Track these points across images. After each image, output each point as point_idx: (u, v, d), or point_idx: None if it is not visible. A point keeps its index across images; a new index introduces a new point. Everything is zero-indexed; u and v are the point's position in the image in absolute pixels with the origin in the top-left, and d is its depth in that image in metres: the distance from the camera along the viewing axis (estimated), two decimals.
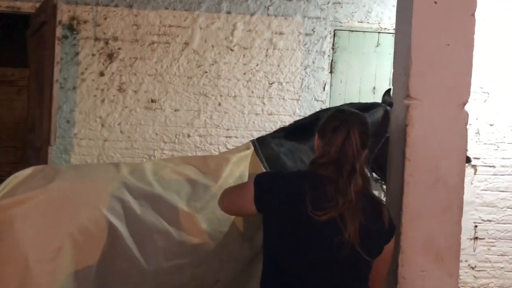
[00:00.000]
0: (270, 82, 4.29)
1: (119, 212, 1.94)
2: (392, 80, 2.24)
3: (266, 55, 4.27)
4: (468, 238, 4.31)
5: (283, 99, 4.29)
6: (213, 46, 4.23)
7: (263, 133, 4.24)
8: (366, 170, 1.83)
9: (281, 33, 4.27)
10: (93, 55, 4.13)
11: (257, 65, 4.27)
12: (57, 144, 3.89)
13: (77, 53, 4.12)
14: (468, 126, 4.49)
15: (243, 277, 2.12)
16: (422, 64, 2.00)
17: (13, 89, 6.72)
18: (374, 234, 1.69)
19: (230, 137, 4.27)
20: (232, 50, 4.25)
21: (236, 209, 1.90)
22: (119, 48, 4.15)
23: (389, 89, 3.10)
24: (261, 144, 2.45)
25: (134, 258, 1.92)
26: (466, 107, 2.07)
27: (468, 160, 4.24)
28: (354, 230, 1.63)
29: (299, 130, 2.69)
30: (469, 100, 2.07)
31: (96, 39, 4.12)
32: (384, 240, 1.75)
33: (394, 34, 2.31)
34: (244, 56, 4.25)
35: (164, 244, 1.98)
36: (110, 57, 4.14)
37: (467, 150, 4.27)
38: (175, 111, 4.22)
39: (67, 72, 4.09)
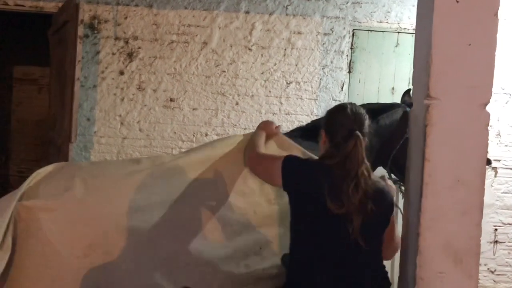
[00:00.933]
0: (288, 82, 4.29)
1: (147, 203, 1.97)
2: (412, 79, 2.23)
3: (284, 55, 4.27)
4: (488, 242, 4.24)
5: (301, 98, 4.28)
6: (231, 46, 4.25)
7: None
8: (366, 161, 1.90)
9: (299, 33, 4.26)
10: (113, 54, 4.19)
11: (275, 64, 4.27)
12: (77, 142, 3.95)
13: (97, 52, 4.18)
14: (489, 128, 4.41)
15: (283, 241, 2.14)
16: (443, 63, 1.98)
17: (34, 88, 6.84)
18: (380, 218, 1.90)
19: None
20: (250, 49, 4.26)
21: (266, 177, 2.00)
22: (139, 47, 4.20)
23: (409, 90, 3.08)
24: None
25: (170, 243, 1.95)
26: (487, 108, 2.04)
27: (488, 162, 4.17)
28: (358, 226, 1.80)
29: (316, 130, 2.68)
30: (490, 100, 2.04)
31: (117, 38, 4.18)
32: (389, 218, 1.97)
33: (413, 34, 2.29)
34: (262, 55, 4.26)
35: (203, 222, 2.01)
36: (130, 56, 4.19)
37: (487, 151, 4.21)
38: (193, 110, 4.25)
39: (87, 71, 4.16)
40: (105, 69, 4.19)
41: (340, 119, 1.93)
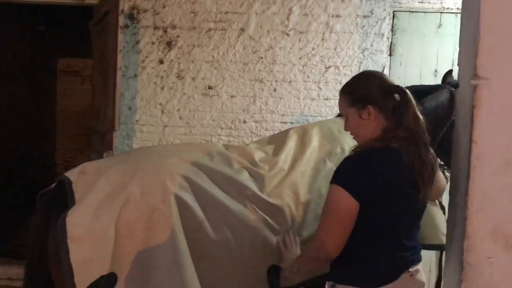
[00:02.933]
0: (327, 66, 4.23)
1: (188, 189, 1.99)
2: (458, 59, 2.15)
3: (323, 39, 4.22)
4: None
5: (340, 83, 4.22)
6: (268, 32, 4.23)
7: (319, 118, 4.20)
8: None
9: (338, 16, 4.19)
10: (153, 43, 4.25)
11: (313, 49, 4.22)
12: (120, 130, 4.05)
13: (137, 42, 4.25)
14: None
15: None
16: (492, 41, 1.90)
17: (77, 79, 7.06)
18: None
19: (285, 122, 4.26)
20: (287, 34, 4.23)
21: (343, 234, 1.73)
22: (178, 36, 4.24)
23: (451, 70, 2.98)
24: None
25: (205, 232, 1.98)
26: None
27: None
28: (425, 196, 1.79)
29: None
30: None
31: (155, 27, 4.23)
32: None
33: (457, 14, 2.21)
34: (299, 40, 4.22)
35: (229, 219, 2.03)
36: (169, 45, 4.24)
37: None
38: (231, 97, 4.27)
39: (128, 60, 4.24)
40: (145, 58, 4.26)
41: (379, 83, 1.80)
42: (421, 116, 1.79)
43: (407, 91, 1.79)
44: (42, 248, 1.96)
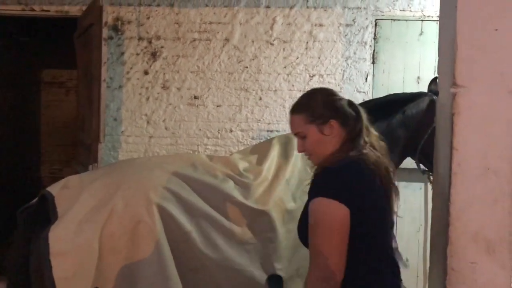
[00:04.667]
0: (311, 75, 4.27)
1: (171, 200, 1.99)
2: (437, 68, 2.19)
3: (306, 48, 4.26)
4: None
5: None
6: (253, 41, 4.26)
7: None
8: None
9: (321, 25, 4.24)
10: (137, 54, 4.25)
11: (297, 58, 4.26)
12: (106, 142, 4.03)
13: (122, 53, 4.25)
14: None
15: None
16: (469, 50, 1.94)
17: (62, 91, 7.00)
18: None
19: (271, 131, 4.28)
20: (272, 44, 4.26)
21: (343, 247, 1.60)
22: (162, 47, 4.25)
23: (436, 78, 3.03)
24: None
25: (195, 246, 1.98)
26: None
27: None
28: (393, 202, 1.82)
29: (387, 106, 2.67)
30: None
31: (140, 38, 4.24)
32: None
33: (438, 22, 2.25)
34: (284, 49, 4.26)
35: (216, 234, 2.03)
36: (154, 55, 4.25)
37: None
38: (217, 106, 4.28)
39: (113, 72, 4.23)
40: (130, 70, 4.26)
41: (334, 98, 1.80)
42: (370, 127, 1.83)
43: (357, 104, 1.85)
44: (24, 264, 1.94)
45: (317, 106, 1.77)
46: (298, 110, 1.81)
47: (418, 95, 2.80)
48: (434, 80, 2.99)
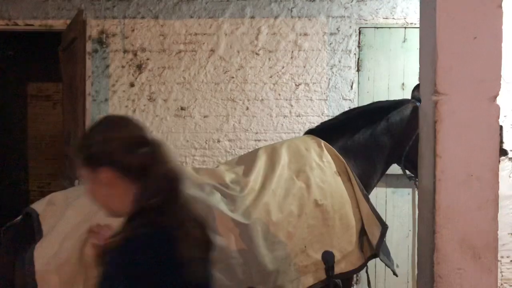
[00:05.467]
0: (297, 84, 4.29)
1: None
2: (419, 76, 2.22)
3: (292, 57, 4.28)
4: (508, 233, 4.18)
5: (311, 100, 4.28)
6: (238, 52, 4.27)
7: (292, 135, 4.24)
8: None
9: (305, 34, 4.26)
10: (123, 67, 4.24)
11: (283, 67, 4.28)
12: None
13: (107, 66, 4.23)
14: (503, 118, 4.37)
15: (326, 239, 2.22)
16: (449, 58, 1.97)
17: (48, 104, 6.97)
18: None
19: (259, 140, 4.29)
20: (257, 54, 4.28)
21: None
22: (148, 59, 4.25)
23: (419, 85, 3.06)
24: None
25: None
26: (500, 98, 2.03)
27: (504, 152, 4.12)
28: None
29: (327, 131, 2.70)
30: (500, 92, 2.02)
31: (125, 51, 4.23)
32: None
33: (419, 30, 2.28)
34: (269, 59, 4.27)
35: None
36: (139, 68, 4.24)
37: (503, 142, 4.14)
38: (204, 117, 4.28)
39: (98, 85, 4.21)
40: (116, 82, 4.25)
41: (121, 135, 1.31)
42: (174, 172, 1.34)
43: (160, 142, 1.37)
44: (8, 284, 1.92)
45: (93, 144, 1.30)
46: (77, 146, 1.38)
47: (402, 102, 2.83)
48: (417, 87, 3.02)
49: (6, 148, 6.78)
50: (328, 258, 1.97)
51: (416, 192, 2.74)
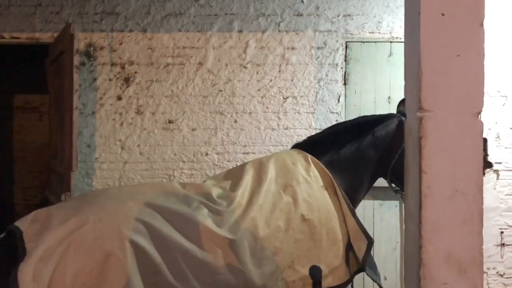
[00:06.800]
0: (285, 97, 4.32)
1: (144, 233, 1.98)
2: (404, 92, 2.25)
3: (279, 71, 4.31)
4: (494, 245, 4.23)
5: (298, 113, 4.31)
6: (226, 65, 4.29)
7: (280, 148, 4.26)
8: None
9: (293, 48, 4.30)
10: (110, 80, 4.23)
11: (271, 81, 4.31)
12: (79, 169, 3.97)
13: (95, 79, 4.22)
14: (487, 131, 4.43)
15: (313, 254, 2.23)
16: (433, 76, 2.00)
17: (35, 115, 6.90)
18: None
19: (247, 153, 4.30)
20: (245, 67, 4.30)
21: None
22: (135, 72, 4.24)
23: (403, 99, 3.09)
24: None
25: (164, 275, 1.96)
26: (484, 111, 2.06)
27: (489, 165, 4.18)
28: None
29: (313, 145, 2.71)
30: (483, 108, 2.06)
31: (113, 64, 4.22)
32: None
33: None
34: (257, 72, 4.30)
35: (188, 264, 2.02)
36: (127, 81, 4.23)
37: (487, 155, 4.19)
38: (192, 130, 4.28)
39: (86, 98, 4.20)
40: (103, 95, 4.23)
41: None
42: None
43: None
44: None
45: None
46: None
47: (387, 117, 2.86)
48: (402, 102, 3.05)
49: None
50: (315, 273, 1.97)
51: (403, 206, 2.76)
